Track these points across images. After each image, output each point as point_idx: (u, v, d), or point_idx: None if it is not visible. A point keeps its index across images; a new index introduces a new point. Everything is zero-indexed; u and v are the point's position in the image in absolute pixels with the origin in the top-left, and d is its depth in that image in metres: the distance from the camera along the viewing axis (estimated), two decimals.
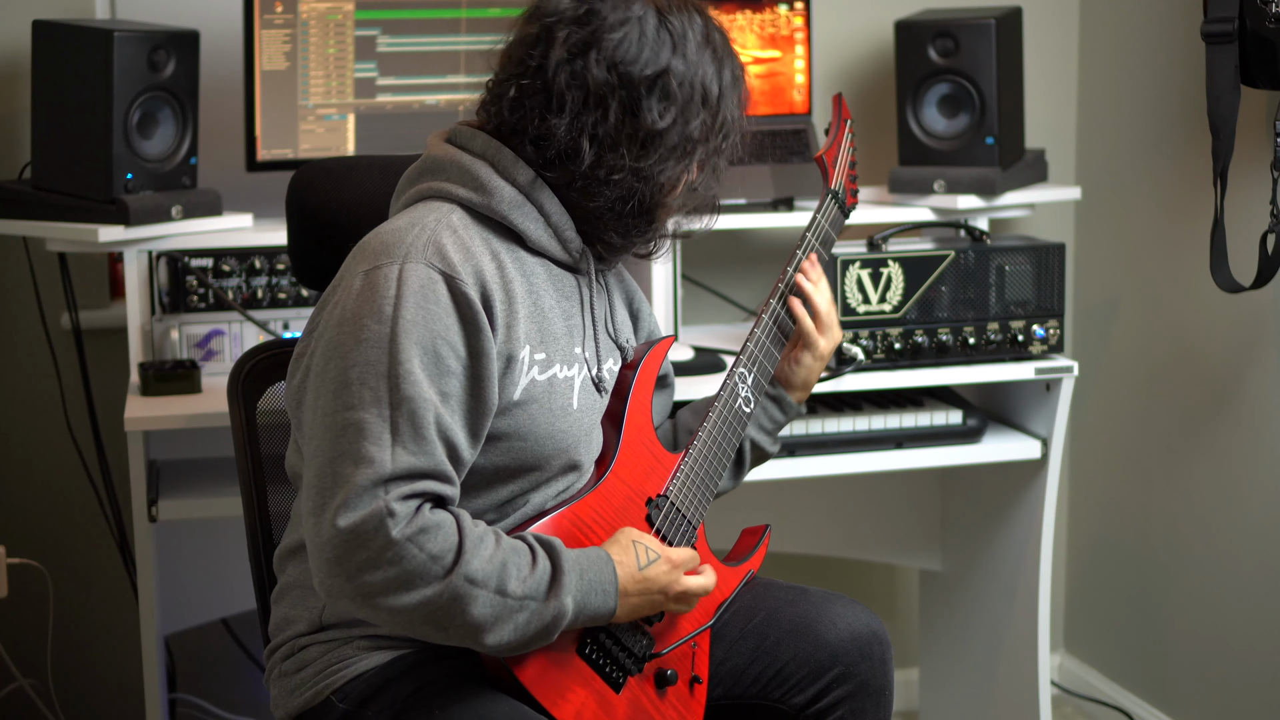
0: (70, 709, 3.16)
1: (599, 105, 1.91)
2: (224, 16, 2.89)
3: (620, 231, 2.00)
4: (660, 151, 1.94)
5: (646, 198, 1.96)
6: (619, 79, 1.91)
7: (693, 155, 1.98)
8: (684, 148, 1.96)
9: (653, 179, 1.95)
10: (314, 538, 1.82)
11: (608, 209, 1.97)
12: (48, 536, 3.14)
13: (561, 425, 1.98)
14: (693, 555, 2.01)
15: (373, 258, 1.89)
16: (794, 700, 2.13)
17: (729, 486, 2.29)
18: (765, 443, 2.28)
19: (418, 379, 1.83)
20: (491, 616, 1.82)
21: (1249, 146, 2.85)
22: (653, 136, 1.93)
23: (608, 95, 1.91)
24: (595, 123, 1.91)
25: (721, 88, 1.98)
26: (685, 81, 1.94)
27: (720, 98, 1.98)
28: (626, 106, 1.92)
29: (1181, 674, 3.28)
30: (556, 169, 1.94)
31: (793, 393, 2.28)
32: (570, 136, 1.92)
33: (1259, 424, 3.01)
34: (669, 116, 1.93)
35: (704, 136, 1.97)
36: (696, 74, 1.95)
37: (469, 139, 1.99)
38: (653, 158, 1.94)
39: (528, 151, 1.95)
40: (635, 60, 1.92)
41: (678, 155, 1.96)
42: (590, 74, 1.91)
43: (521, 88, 1.94)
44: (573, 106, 1.91)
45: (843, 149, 2.38)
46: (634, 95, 1.92)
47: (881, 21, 3.22)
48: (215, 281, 2.81)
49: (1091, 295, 3.49)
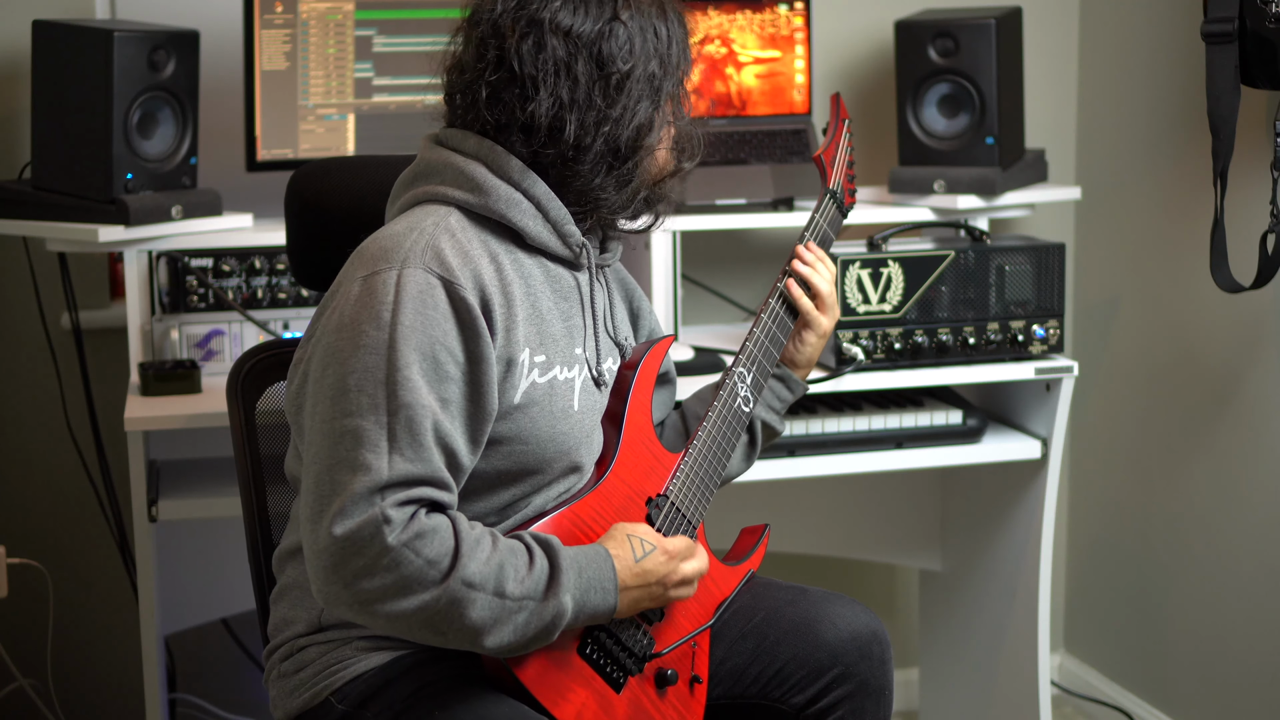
0: (70, 709, 3.16)
1: (568, 71, 1.95)
2: (224, 16, 2.89)
3: (614, 186, 2.01)
4: (629, 92, 1.98)
5: (628, 141, 1.99)
6: (576, 40, 1.96)
7: (660, 91, 2.02)
8: (650, 84, 2.00)
9: (629, 121, 1.98)
10: (311, 545, 1.82)
11: (596, 168, 1.98)
12: (48, 536, 3.14)
13: (563, 427, 1.98)
14: (688, 544, 2.02)
15: (371, 263, 1.89)
16: (794, 700, 2.13)
17: (742, 469, 2.31)
18: (774, 421, 2.31)
19: (416, 386, 1.83)
20: (490, 618, 1.82)
21: (1249, 146, 2.85)
22: (620, 80, 1.97)
23: (572, 59, 1.95)
24: (569, 89, 1.95)
25: (668, 25, 2.03)
26: (634, 25, 1.99)
27: (669, 34, 2.03)
28: (591, 62, 1.96)
29: (1181, 674, 3.28)
30: (549, 149, 1.97)
31: (798, 371, 2.31)
32: (553, 111, 1.95)
33: (1259, 424, 3.01)
34: (630, 59, 1.98)
35: (665, 71, 2.02)
36: (641, 16, 2.00)
37: (460, 140, 2.00)
38: (623, 100, 1.98)
39: (517, 144, 1.97)
40: (584, 19, 1.96)
41: (647, 94, 2.00)
42: (549, 45, 1.95)
43: (491, 84, 1.97)
44: (545, 82, 1.95)
45: (840, 149, 2.39)
46: (594, 50, 1.96)
47: (881, 21, 3.22)
48: (215, 281, 2.81)
49: (1091, 295, 3.49)
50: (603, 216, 2.05)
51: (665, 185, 2.08)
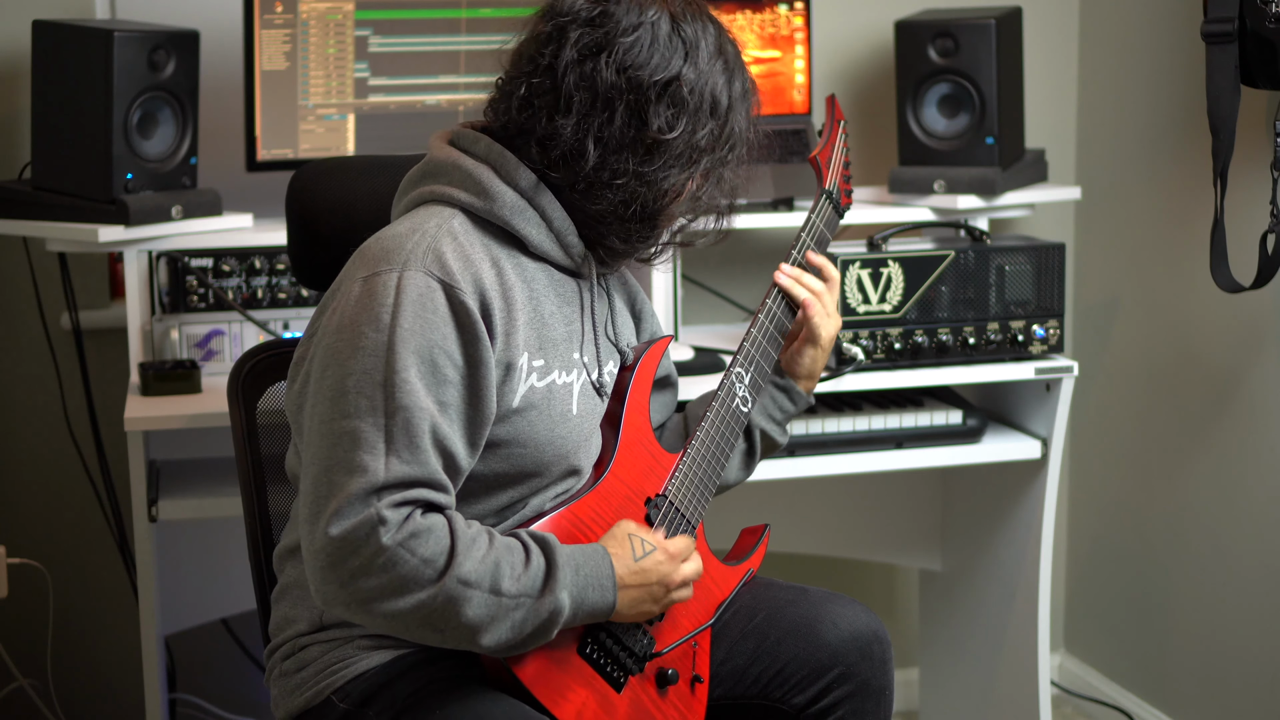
0: (70, 709, 3.16)
1: (606, 108, 1.91)
2: (224, 16, 2.89)
3: (622, 236, 2.00)
4: (665, 159, 1.94)
5: (649, 203, 1.96)
6: (628, 83, 1.91)
7: (698, 164, 1.97)
8: (689, 156, 1.95)
9: (656, 185, 1.94)
10: (308, 545, 1.82)
11: (609, 212, 1.96)
12: (48, 536, 3.14)
13: (561, 431, 1.98)
14: (689, 543, 2.02)
15: (372, 264, 1.89)
16: (794, 700, 2.13)
17: (740, 477, 2.29)
18: (775, 432, 2.28)
19: (414, 388, 1.83)
20: (487, 616, 1.82)
21: (1249, 146, 2.85)
22: (659, 144, 1.92)
23: (615, 99, 1.91)
24: (601, 125, 1.91)
25: (731, 99, 1.97)
26: (695, 90, 1.93)
27: (729, 109, 1.97)
28: (634, 111, 1.91)
29: (1181, 674, 3.28)
30: (560, 170, 1.94)
31: (800, 382, 2.28)
32: (576, 138, 1.91)
33: (1259, 424, 3.01)
34: (677, 125, 1.92)
35: (710, 146, 1.97)
36: (706, 83, 1.94)
37: (471, 142, 1.98)
38: (657, 164, 1.93)
39: (532, 152, 1.95)
40: (645, 65, 1.91)
41: (682, 163, 1.95)
42: (600, 76, 1.90)
43: (531, 86, 1.93)
44: (580, 108, 1.91)
45: (836, 149, 2.39)
46: (642, 100, 1.91)
47: (881, 21, 3.22)
48: (215, 281, 2.81)
49: (1091, 295, 3.49)
50: (600, 254, 2.03)
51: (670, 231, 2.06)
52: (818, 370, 2.28)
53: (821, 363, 2.28)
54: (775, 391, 2.27)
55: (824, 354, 2.26)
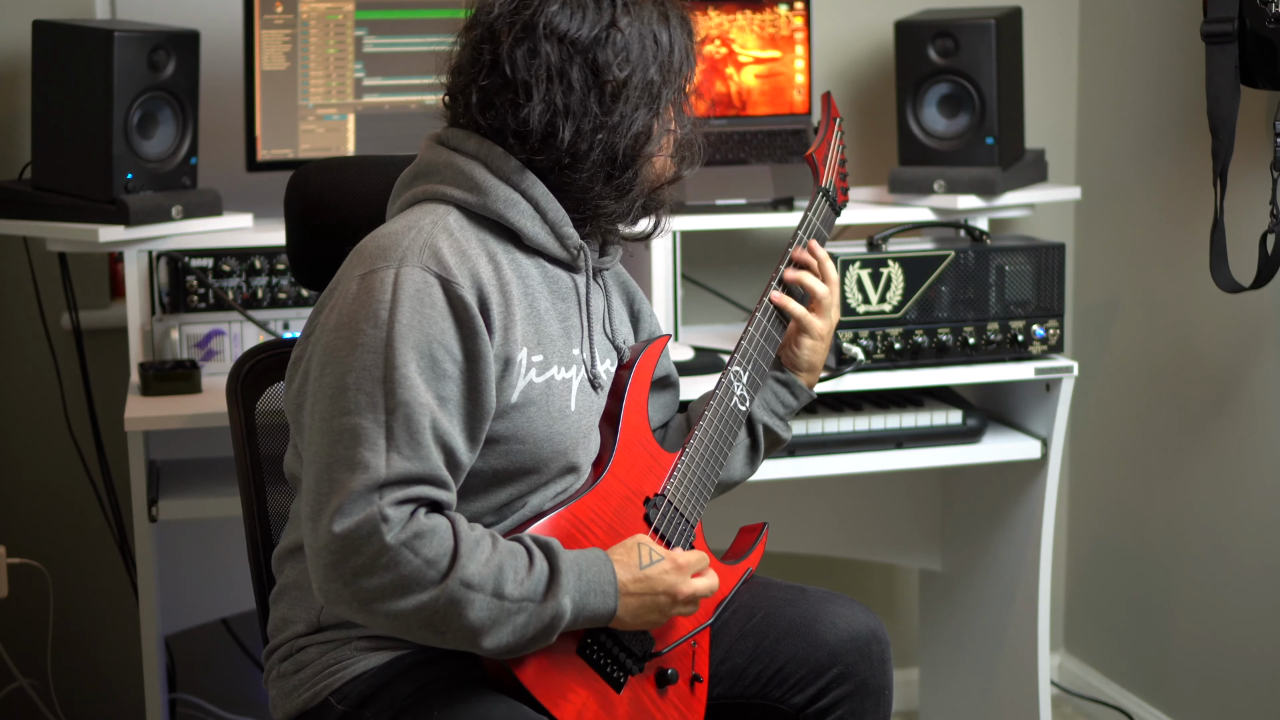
0: (70, 709, 3.16)
1: (561, 78, 1.94)
2: (224, 16, 2.89)
3: (613, 197, 2.01)
4: (628, 101, 1.97)
5: (627, 151, 1.98)
6: (571, 47, 1.94)
7: (659, 99, 2.00)
8: (649, 91, 1.98)
9: (627, 129, 1.97)
10: (311, 543, 1.82)
11: (594, 176, 1.98)
12: (48, 536, 3.14)
13: (560, 427, 1.98)
14: (701, 557, 2.01)
15: (369, 261, 1.89)
16: (793, 700, 2.13)
17: (745, 474, 2.29)
18: (778, 427, 2.28)
19: (414, 384, 1.83)
20: (489, 619, 1.82)
21: (1249, 146, 2.85)
22: (617, 88, 1.95)
23: (565, 65, 1.94)
24: (563, 96, 1.94)
25: (670, 31, 2.01)
26: (633, 31, 1.97)
27: (671, 40, 2.01)
28: (585, 69, 1.95)
29: (1181, 674, 3.28)
30: (542, 153, 1.96)
31: (800, 375, 2.28)
32: (545, 119, 1.94)
33: (1259, 424, 3.01)
34: (627, 66, 1.96)
35: (665, 79, 2.00)
36: (641, 23, 1.98)
37: (461, 140, 2.00)
38: (621, 108, 1.96)
39: (514, 146, 1.97)
40: (580, 24, 1.95)
41: (645, 101, 1.98)
42: (542, 51, 1.94)
43: (483, 88, 1.96)
44: (538, 88, 1.94)
45: (832, 147, 2.39)
46: (588, 57, 1.95)
47: (881, 21, 3.22)
48: (215, 281, 2.81)
49: (1091, 295, 3.49)
50: (601, 223, 2.04)
51: (664, 190, 2.08)
52: (818, 363, 2.28)
53: (822, 355, 2.28)
54: (777, 386, 2.27)
55: (823, 345, 2.27)
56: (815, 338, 2.26)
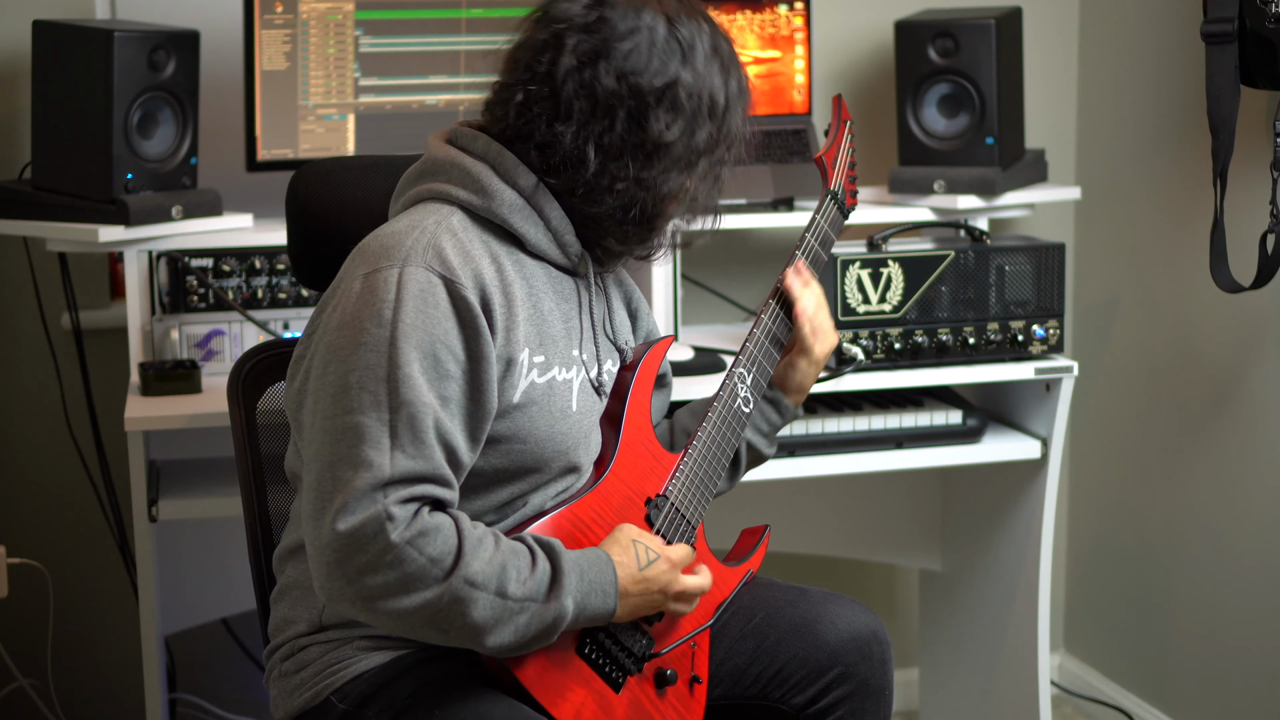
0: (70, 709, 3.16)
1: (606, 115, 1.91)
2: (224, 16, 2.89)
3: (619, 238, 2.00)
4: (665, 162, 1.94)
5: (648, 207, 1.96)
6: (628, 89, 1.91)
7: (697, 165, 1.97)
8: (689, 159, 1.96)
9: (656, 189, 1.95)
10: (314, 541, 1.82)
11: (608, 216, 1.96)
12: (48, 536, 3.14)
13: (561, 428, 1.98)
14: (689, 552, 2.02)
15: (372, 260, 1.89)
16: (794, 700, 2.13)
17: (724, 488, 2.28)
18: (761, 445, 2.28)
19: (417, 383, 1.83)
20: (492, 619, 1.82)
21: (1249, 146, 2.85)
22: (659, 148, 1.93)
23: (616, 105, 1.91)
24: (602, 132, 1.91)
25: (728, 98, 1.98)
26: (693, 93, 1.93)
27: (727, 109, 1.98)
28: (634, 117, 1.92)
29: (1181, 674, 3.28)
30: (560, 175, 1.94)
31: (789, 396, 2.27)
32: (576, 144, 1.91)
33: (1259, 424, 3.01)
34: (676, 128, 1.93)
35: (709, 147, 1.97)
36: (704, 85, 1.94)
37: (470, 141, 1.99)
38: (657, 168, 1.94)
39: (531, 156, 1.95)
40: (644, 71, 1.91)
41: (682, 166, 1.96)
42: (599, 83, 1.90)
43: (529, 93, 1.93)
44: (580, 115, 1.91)
45: (842, 150, 2.39)
46: (642, 106, 1.91)
47: (881, 21, 3.22)
48: (215, 281, 2.81)
49: (1091, 295, 3.49)
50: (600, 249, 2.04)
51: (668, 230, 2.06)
52: (808, 385, 2.27)
53: (812, 378, 2.27)
54: (764, 404, 2.26)
55: (815, 369, 2.26)
56: (812, 362, 2.25)
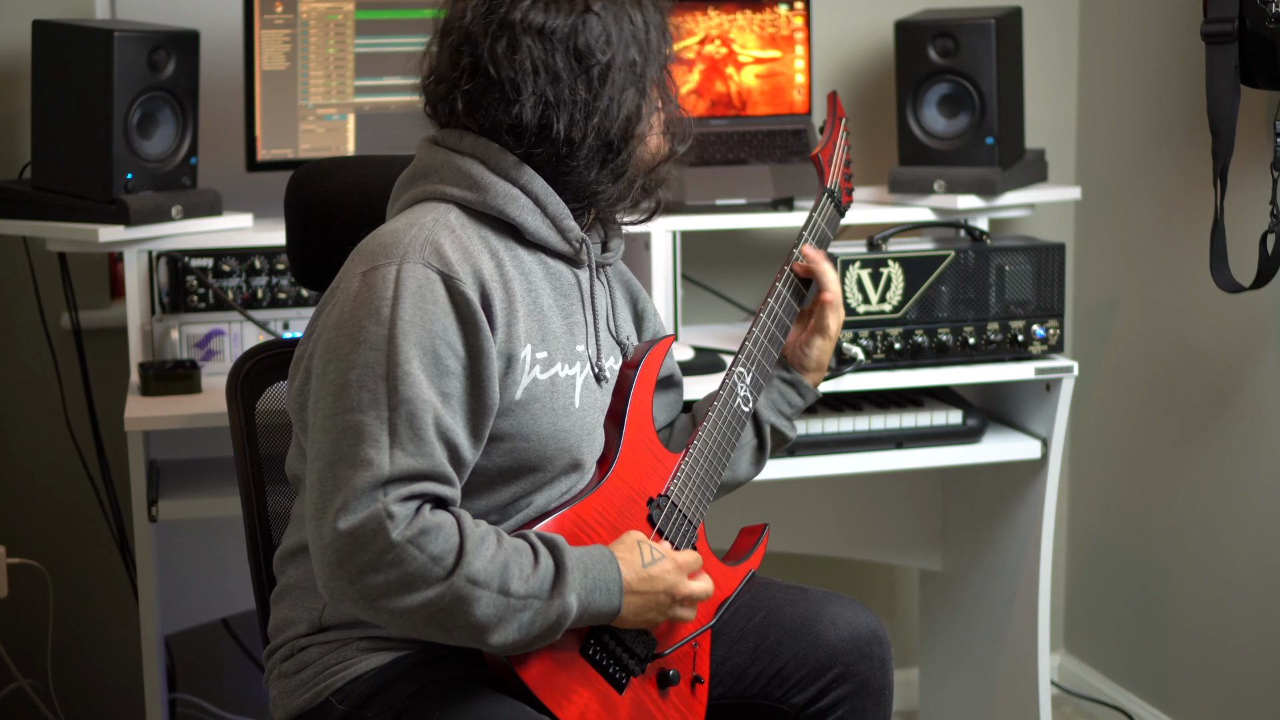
0: (70, 709, 3.16)
1: (547, 69, 1.95)
2: (224, 16, 2.89)
3: (610, 179, 2.01)
4: (613, 83, 1.97)
5: (619, 131, 1.99)
6: (550, 37, 1.95)
7: (644, 78, 2.01)
8: (633, 71, 1.99)
9: (617, 112, 1.98)
10: (316, 540, 1.82)
11: (590, 161, 1.98)
12: (48, 536, 3.14)
13: (564, 425, 1.98)
14: (696, 558, 2.02)
15: (370, 259, 1.90)
16: (794, 700, 2.13)
17: (751, 473, 2.31)
18: (785, 427, 2.30)
19: (416, 380, 1.83)
20: (495, 616, 1.82)
21: (1249, 146, 2.85)
22: (603, 71, 1.96)
23: (549, 56, 1.94)
24: (552, 87, 1.94)
25: (643, 11, 2.02)
26: (608, 15, 1.98)
27: (646, 19, 2.02)
28: (569, 57, 1.95)
29: (1181, 674, 3.28)
30: (539, 146, 1.97)
31: (808, 375, 2.30)
32: (538, 111, 1.94)
33: (1259, 424, 3.01)
34: (608, 49, 1.97)
35: (646, 58, 2.01)
36: (615, 6, 1.99)
37: (458, 140, 2.00)
38: (608, 90, 1.97)
39: (508, 143, 1.97)
40: (555, 15, 1.95)
41: (631, 81, 1.99)
42: (523, 46, 1.94)
43: (467, 92, 1.96)
44: (525, 83, 1.94)
45: (838, 147, 2.39)
46: (570, 45, 1.95)
47: (881, 21, 3.22)
48: (215, 281, 2.81)
49: (1091, 295, 3.49)
50: (601, 210, 2.05)
51: (661, 171, 2.08)
52: (825, 363, 2.30)
53: (828, 354, 2.30)
54: (783, 386, 2.28)
55: (831, 344, 2.29)
56: (828, 337, 2.28)
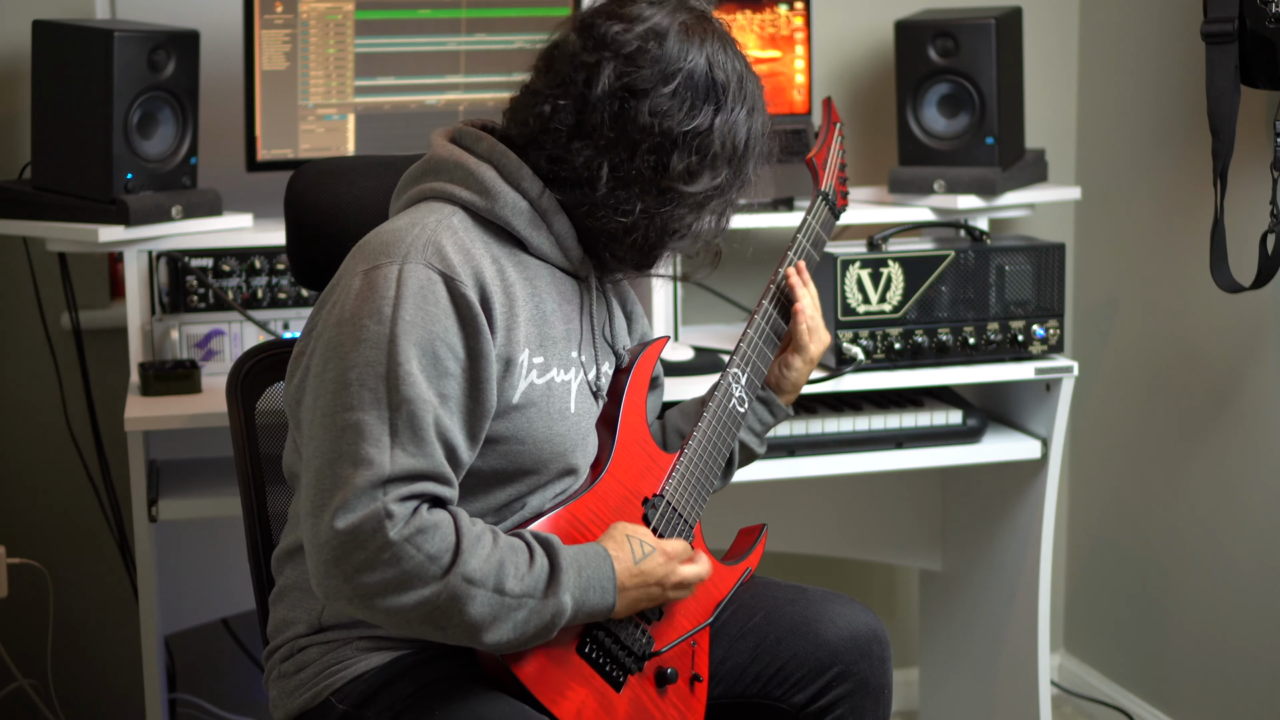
0: (70, 709, 3.16)
1: (630, 147, 1.90)
2: (224, 16, 2.89)
3: (617, 256, 2.00)
4: (678, 202, 1.94)
5: (652, 237, 1.96)
6: (659, 129, 1.90)
7: (708, 206, 1.97)
8: (702, 201, 1.96)
9: (663, 224, 1.95)
10: (312, 539, 1.82)
11: (609, 235, 1.96)
12: (48, 536, 3.14)
13: (559, 429, 1.98)
14: (685, 545, 2.02)
15: (372, 257, 1.89)
16: (794, 699, 2.13)
17: (717, 486, 2.29)
18: (753, 444, 2.30)
19: (416, 380, 1.83)
20: (490, 615, 1.82)
21: (1249, 146, 2.85)
22: (675, 190, 1.92)
23: (641, 140, 1.90)
24: (621, 161, 1.90)
25: (750, 142, 1.97)
26: (720, 139, 1.93)
27: (745, 153, 1.97)
28: (657, 154, 1.91)
29: (1181, 674, 3.28)
30: (567, 189, 1.94)
31: (782, 396, 2.29)
32: (590, 165, 1.91)
33: (1259, 424, 3.01)
34: (698, 174, 1.92)
35: (723, 189, 1.97)
36: (731, 131, 1.94)
37: (474, 141, 1.98)
38: (668, 207, 1.94)
39: (541, 165, 1.94)
40: (678, 114, 1.90)
41: (693, 206, 1.95)
42: (630, 117, 1.89)
43: (557, 106, 1.92)
44: (603, 140, 1.90)
45: (832, 151, 2.40)
46: (668, 147, 1.90)
47: (881, 21, 3.22)
48: (215, 281, 2.81)
49: (1091, 295, 3.49)
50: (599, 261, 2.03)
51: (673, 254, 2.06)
52: (801, 384, 2.29)
53: (805, 377, 2.29)
54: (757, 405, 2.28)
55: (809, 368, 2.28)
56: (806, 361, 2.27)
